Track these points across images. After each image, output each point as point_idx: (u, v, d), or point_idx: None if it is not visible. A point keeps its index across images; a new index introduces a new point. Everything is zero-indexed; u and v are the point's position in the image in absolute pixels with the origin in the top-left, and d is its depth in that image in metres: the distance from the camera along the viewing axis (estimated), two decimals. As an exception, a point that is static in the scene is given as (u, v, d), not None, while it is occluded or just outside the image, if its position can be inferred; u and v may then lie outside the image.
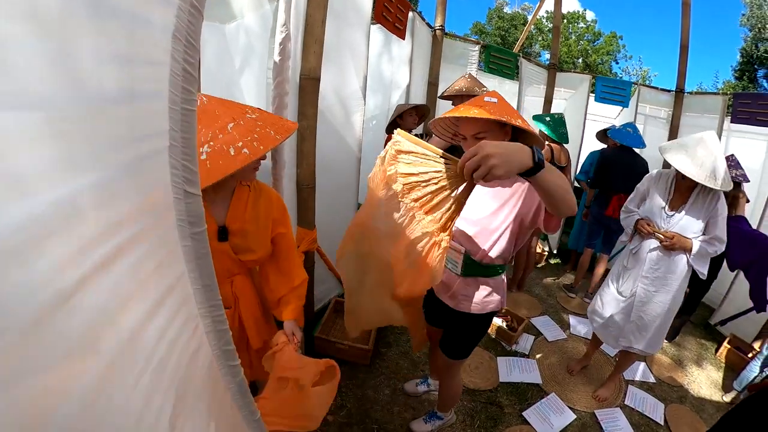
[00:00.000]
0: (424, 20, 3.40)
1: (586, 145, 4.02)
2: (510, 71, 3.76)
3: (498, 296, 1.50)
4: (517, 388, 2.36)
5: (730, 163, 2.57)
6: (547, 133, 2.98)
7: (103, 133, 0.42)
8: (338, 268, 1.55)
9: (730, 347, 2.95)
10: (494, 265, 1.43)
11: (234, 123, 0.98)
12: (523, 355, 2.67)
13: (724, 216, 1.90)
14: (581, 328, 3.11)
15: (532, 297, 3.54)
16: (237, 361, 0.73)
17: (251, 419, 0.85)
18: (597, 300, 2.31)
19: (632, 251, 2.12)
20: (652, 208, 2.03)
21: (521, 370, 2.50)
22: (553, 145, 3.03)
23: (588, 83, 3.95)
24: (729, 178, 1.87)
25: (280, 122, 1.08)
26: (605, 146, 3.62)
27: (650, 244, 2.01)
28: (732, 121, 3.54)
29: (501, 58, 3.73)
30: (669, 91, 3.89)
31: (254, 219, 1.27)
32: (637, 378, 2.59)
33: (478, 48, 3.73)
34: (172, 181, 0.53)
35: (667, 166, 4.02)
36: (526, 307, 3.34)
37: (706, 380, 2.74)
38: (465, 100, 1.46)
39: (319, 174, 2.27)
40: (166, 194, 0.53)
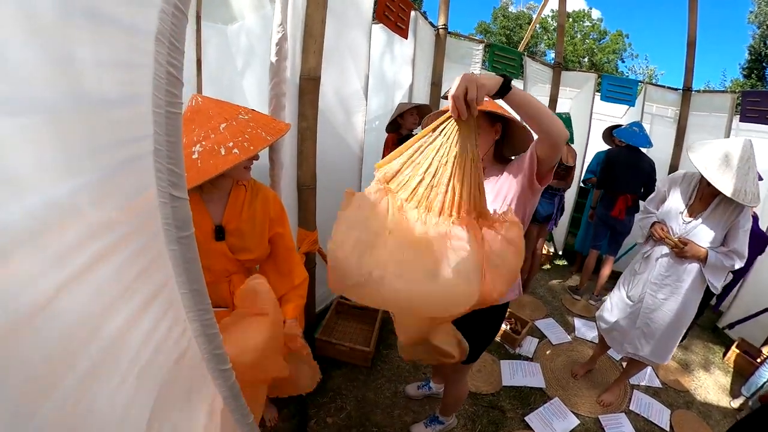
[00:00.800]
0: (426, 19, 3.39)
1: (592, 145, 3.98)
2: (515, 70, 3.73)
3: (514, 284, 1.43)
4: (520, 392, 2.34)
5: None
6: None
7: (80, 138, 0.42)
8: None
9: (738, 351, 2.90)
10: None
11: (227, 123, 0.99)
12: (526, 359, 2.65)
13: (746, 229, 1.77)
14: (586, 331, 3.08)
15: (537, 299, 3.51)
16: (228, 365, 0.73)
17: (244, 423, 0.85)
18: (606, 303, 2.28)
19: (644, 255, 2.06)
20: (670, 211, 1.95)
21: (524, 373, 2.48)
22: None
23: (594, 82, 3.91)
24: (758, 192, 1.72)
25: (272, 123, 1.10)
26: (611, 146, 3.58)
27: (662, 249, 1.94)
28: (741, 120, 3.47)
29: (505, 57, 3.71)
30: (676, 90, 3.84)
31: (251, 218, 1.28)
32: (643, 383, 2.56)
33: (482, 47, 3.71)
34: (157, 185, 0.53)
35: (676, 167, 4.04)
36: (530, 309, 3.31)
37: (714, 385, 2.70)
38: None
39: (320, 175, 2.27)
40: (150, 198, 0.53)
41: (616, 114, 4.48)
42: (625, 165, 3.20)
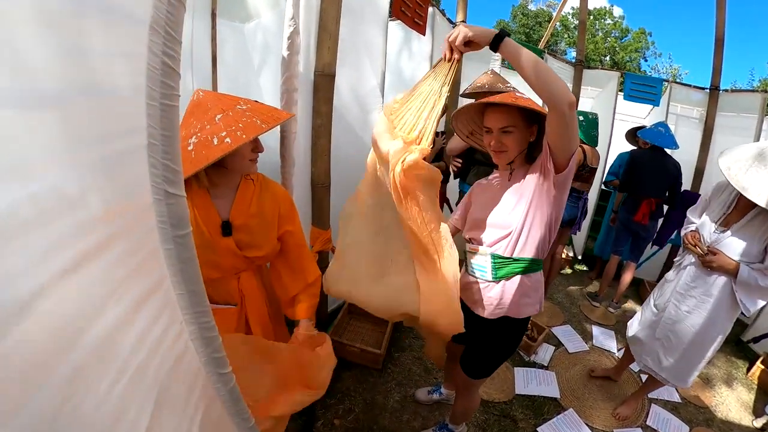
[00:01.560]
0: (444, 15, 3.35)
1: (615, 146, 3.84)
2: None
3: (534, 297, 1.37)
4: (533, 401, 2.27)
5: None
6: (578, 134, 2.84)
7: (65, 131, 0.40)
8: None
9: (763, 367, 2.73)
10: (527, 258, 1.29)
11: (222, 114, 0.99)
12: (541, 367, 2.57)
13: None
14: (604, 339, 2.98)
15: (554, 305, 3.42)
16: (228, 369, 0.71)
17: (245, 426, 0.83)
18: (638, 311, 2.21)
19: (677, 263, 1.98)
20: (706, 220, 1.84)
21: (539, 382, 2.41)
22: (585, 147, 2.89)
23: (616, 81, 3.78)
24: None
25: (270, 112, 1.08)
26: (634, 147, 3.45)
27: (692, 258, 1.85)
28: (773, 121, 3.31)
29: (525, 54, 3.62)
30: (703, 89, 3.67)
31: (259, 214, 1.26)
32: (662, 397, 2.45)
33: (501, 44, 3.63)
34: (151, 180, 0.51)
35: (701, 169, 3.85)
36: (547, 315, 3.22)
37: (736, 402, 2.56)
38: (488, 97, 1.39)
39: (335, 173, 2.25)
40: (144, 195, 0.51)
41: (639, 114, 4.33)
42: (650, 167, 3.08)
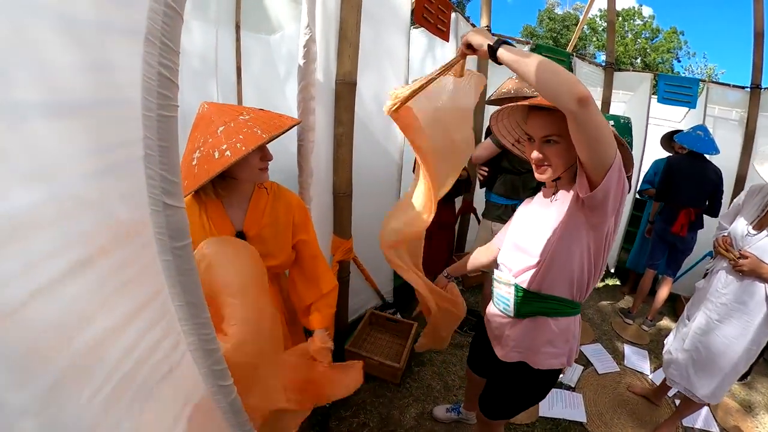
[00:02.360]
0: (468, 20, 3.32)
1: (649, 152, 3.67)
2: (563, 71, 3.55)
3: (561, 348, 1.16)
4: (557, 424, 2.16)
5: None
6: None
7: (60, 142, 0.41)
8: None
9: None
10: (555, 297, 1.12)
11: (224, 126, 0.99)
12: (568, 388, 2.45)
13: None
14: (637, 360, 2.80)
15: (584, 321, 3.27)
16: (229, 381, 0.70)
17: (248, 440, 0.82)
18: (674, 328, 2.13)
19: (709, 270, 1.91)
20: (738, 225, 1.78)
21: (565, 404, 2.29)
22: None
23: (649, 83, 3.61)
24: None
25: (273, 120, 1.07)
26: (670, 154, 3.28)
27: (723, 263, 1.77)
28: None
29: (553, 57, 3.54)
30: (743, 88, 3.45)
31: (273, 223, 1.27)
32: (698, 425, 2.25)
33: (527, 48, 3.57)
34: (149, 192, 0.51)
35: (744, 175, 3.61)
36: (575, 331, 3.09)
37: (785, 432, 2.35)
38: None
39: (357, 182, 2.25)
40: (140, 206, 0.51)
41: (674, 118, 4.13)
42: (688, 174, 2.90)
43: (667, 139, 3.35)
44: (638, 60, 22.74)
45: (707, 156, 2.93)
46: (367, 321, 2.66)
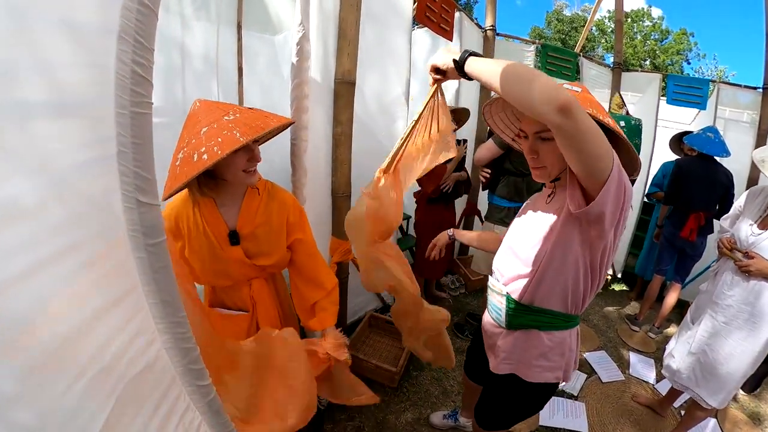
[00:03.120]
0: (473, 20, 3.32)
1: (657, 155, 3.62)
2: (570, 72, 3.53)
3: (555, 362, 1.11)
4: (558, 433, 2.14)
5: None
6: None
7: (25, 141, 0.42)
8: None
9: None
10: (549, 312, 1.07)
11: (208, 127, 0.99)
12: (570, 396, 2.42)
13: None
14: (642, 369, 2.76)
15: (589, 327, 3.23)
16: (206, 381, 0.71)
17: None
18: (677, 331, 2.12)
19: (713, 272, 1.90)
20: (741, 225, 1.78)
21: (566, 413, 2.27)
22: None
23: (658, 84, 3.58)
24: None
25: (257, 121, 1.06)
26: (679, 156, 3.24)
27: (728, 264, 1.76)
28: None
29: (559, 58, 3.52)
30: (755, 89, 3.40)
31: (266, 223, 1.29)
32: None
33: (533, 48, 3.56)
34: (122, 189, 0.52)
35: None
36: (580, 339, 3.05)
37: (796, 445, 2.30)
38: None
39: (357, 182, 2.25)
40: (113, 203, 0.52)
41: (684, 120, 4.09)
42: (698, 177, 2.85)
43: (676, 141, 3.30)
44: (647, 62, 22.75)
45: (717, 158, 2.88)
46: (366, 323, 2.66)
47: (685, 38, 22.91)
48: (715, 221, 2.91)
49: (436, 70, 1.04)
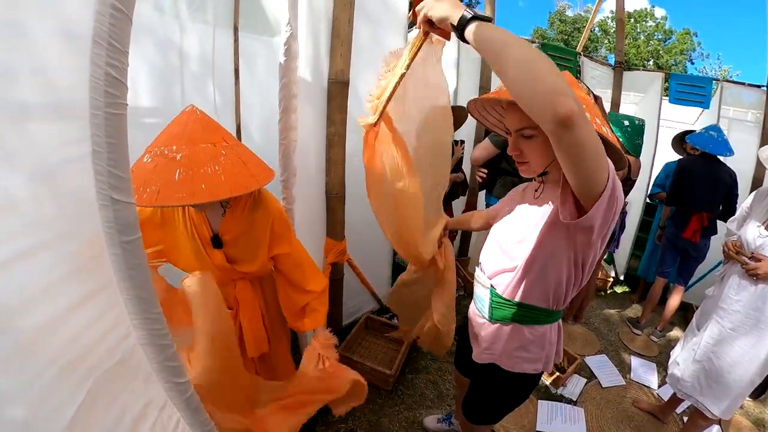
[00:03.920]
0: (472, 19, 3.33)
1: (660, 156, 3.62)
2: (570, 71, 3.53)
3: (536, 353, 1.17)
4: (556, 438, 2.15)
5: None
6: (621, 140, 2.68)
7: (6, 135, 0.45)
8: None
9: None
10: (531, 307, 1.11)
11: (211, 163, 1.03)
12: (569, 401, 2.42)
13: None
14: (643, 373, 2.75)
15: (590, 330, 3.23)
16: (184, 379, 0.73)
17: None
18: (682, 337, 2.12)
19: (719, 276, 1.89)
20: (748, 227, 1.77)
21: (564, 418, 2.27)
22: (629, 158, 2.72)
23: (660, 83, 3.58)
24: None
25: (240, 176, 1.07)
26: (682, 156, 3.24)
27: (735, 268, 1.75)
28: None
29: (559, 57, 3.53)
30: (759, 87, 3.40)
31: (249, 231, 1.30)
32: None
33: (534, 47, 3.57)
34: (97, 187, 0.55)
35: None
36: (581, 342, 3.05)
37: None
38: None
39: (355, 183, 2.27)
40: (87, 201, 0.54)
41: (687, 120, 4.08)
42: (701, 177, 2.85)
43: (679, 141, 3.31)
44: (650, 62, 22.93)
45: (721, 158, 2.88)
46: (362, 325, 2.68)
47: (689, 38, 23.04)
48: (720, 222, 2.93)
49: (428, 22, 0.91)
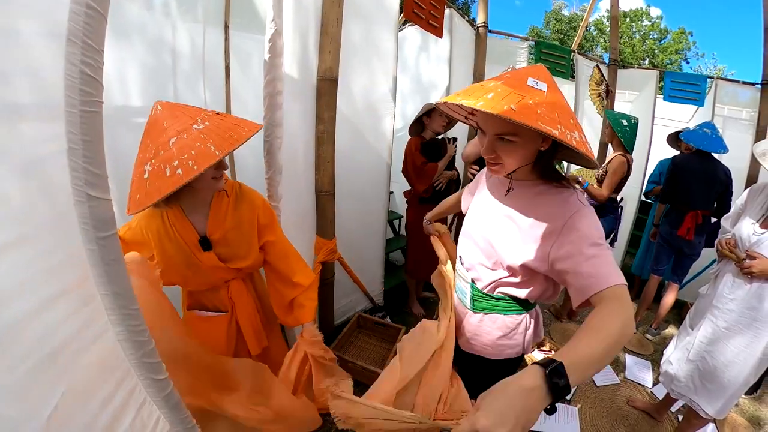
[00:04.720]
0: (463, 17, 3.37)
1: (655, 154, 3.66)
2: (564, 69, 3.58)
3: (517, 340, 1.24)
4: (549, 437, 2.17)
5: None
6: (621, 140, 2.69)
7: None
8: None
9: None
10: (509, 298, 1.17)
11: (177, 137, 0.98)
12: (563, 400, 2.46)
13: None
14: (638, 372, 2.78)
15: (584, 329, 3.26)
16: (163, 375, 0.74)
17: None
18: (676, 335, 2.12)
19: (713, 274, 1.89)
20: (742, 225, 1.76)
21: (558, 418, 2.28)
22: (627, 156, 2.74)
23: (655, 81, 3.62)
24: None
25: (229, 132, 1.05)
26: (677, 153, 3.27)
27: (730, 267, 1.75)
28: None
29: (553, 54, 3.57)
30: (753, 84, 3.45)
31: (237, 226, 1.31)
32: None
33: (527, 45, 3.61)
34: (72, 183, 0.57)
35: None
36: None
37: (797, 450, 2.32)
38: None
39: (344, 181, 2.29)
40: (61, 197, 0.56)
41: (682, 118, 4.13)
42: (695, 174, 2.87)
43: (674, 138, 3.33)
44: (646, 61, 23.29)
45: (715, 155, 2.90)
46: (354, 324, 2.69)
47: (684, 37, 23.36)
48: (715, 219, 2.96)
49: None
